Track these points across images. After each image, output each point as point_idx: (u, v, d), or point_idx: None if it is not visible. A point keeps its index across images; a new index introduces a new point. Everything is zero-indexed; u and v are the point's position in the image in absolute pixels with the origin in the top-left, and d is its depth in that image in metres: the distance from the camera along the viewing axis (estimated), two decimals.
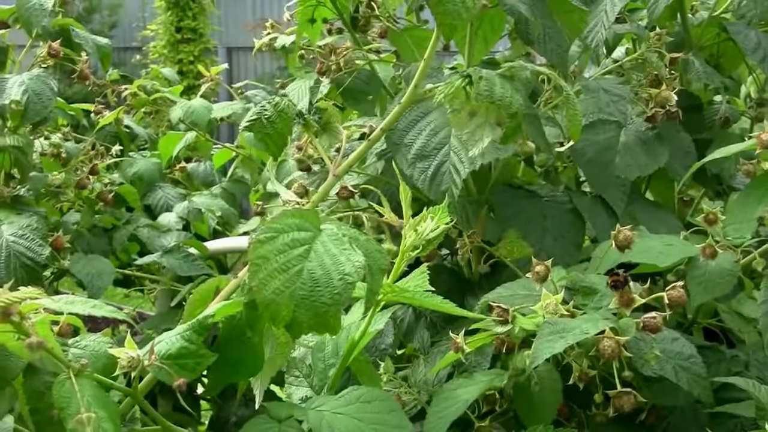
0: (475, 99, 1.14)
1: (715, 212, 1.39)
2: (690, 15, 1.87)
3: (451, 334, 1.22)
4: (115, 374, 0.97)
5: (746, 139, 1.37)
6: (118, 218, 2.27)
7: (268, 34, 2.06)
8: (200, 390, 2.16)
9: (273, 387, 1.60)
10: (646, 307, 1.20)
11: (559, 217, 1.57)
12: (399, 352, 1.67)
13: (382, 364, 1.44)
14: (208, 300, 1.15)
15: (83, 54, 2.05)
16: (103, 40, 2.18)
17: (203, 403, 2.32)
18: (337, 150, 1.27)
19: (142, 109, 2.41)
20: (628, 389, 1.16)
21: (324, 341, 1.25)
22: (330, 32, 1.84)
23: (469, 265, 1.56)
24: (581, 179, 1.80)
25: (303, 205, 1.36)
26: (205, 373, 1.06)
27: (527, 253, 1.47)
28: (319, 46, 1.74)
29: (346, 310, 1.31)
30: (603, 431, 1.27)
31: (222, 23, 10.56)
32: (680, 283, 1.18)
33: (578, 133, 1.28)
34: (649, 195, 1.85)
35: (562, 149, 1.61)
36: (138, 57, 10.38)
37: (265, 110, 1.25)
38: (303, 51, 1.87)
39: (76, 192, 2.16)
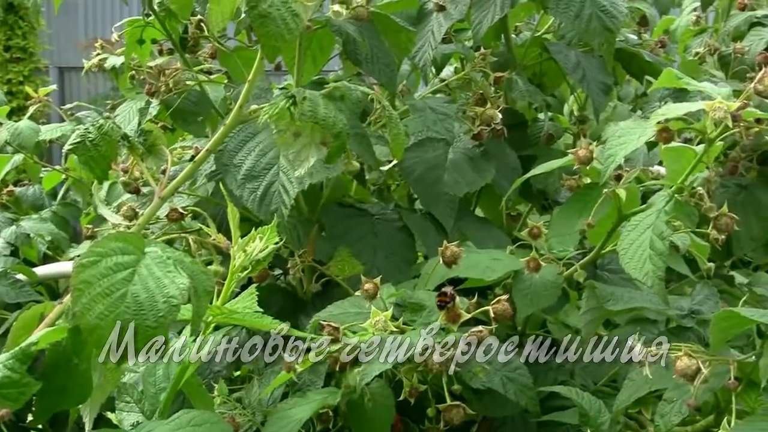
0: (300, 119, 1.15)
1: (539, 226, 1.43)
2: (514, 35, 1.93)
3: (283, 353, 1.23)
4: None
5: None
6: None
7: (98, 54, 2.02)
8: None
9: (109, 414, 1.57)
10: (476, 321, 1.22)
11: (390, 235, 1.59)
12: (236, 374, 1.66)
13: (216, 387, 1.43)
14: (32, 327, 1.12)
15: None
16: None
17: None
18: (164, 172, 1.26)
19: None
20: (458, 402, 1.18)
21: (154, 365, 1.23)
22: (161, 53, 1.83)
23: (302, 284, 1.56)
24: (414, 197, 1.83)
25: (132, 228, 1.34)
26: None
27: (359, 271, 1.48)
28: (149, 67, 1.72)
29: (179, 333, 1.29)
30: None
31: (53, 42, 10.32)
32: (505, 296, 1.21)
33: (401, 152, 1.30)
34: (479, 211, 1.89)
35: (386, 168, 1.63)
36: None
37: (89, 133, 1.23)
38: (134, 72, 1.85)
39: None
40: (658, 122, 1.20)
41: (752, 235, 1.77)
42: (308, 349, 1.23)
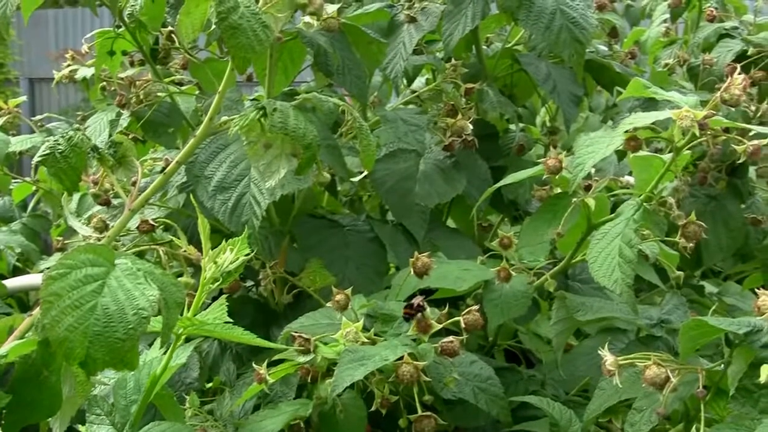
0: (270, 131, 1.15)
1: (510, 236, 1.43)
2: (485, 47, 1.93)
3: (254, 365, 1.23)
4: None
5: None
6: None
7: (69, 65, 2.02)
8: None
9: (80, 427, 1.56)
10: (447, 331, 1.22)
11: (361, 246, 1.59)
12: (208, 386, 1.66)
13: (188, 399, 1.42)
14: (2, 340, 1.11)
15: None
16: None
17: None
18: (134, 183, 1.26)
19: None
20: (429, 413, 1.18)
21: (125, 378, 1.23)
22: (132, 64, 1.82)
23: (273, 295, 1.56)
24: (386, 208, 1.83)
25: (102, 240, 1.34)
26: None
27: (330, 282, 1.48)
28: (120, 79, 1.72)
29: (150, 345, 1.29)
30: None
31: (24, 53, 10.26)
32: (476, 306, 1.22)
33: (372, 163, 1.30)
34: (450, 222, 1.89)
35: (358, 179, 1.63)
36: None
37: (59, 144, 1.22)
38: (104, 83, 1.85)
39: None
40: (626, 131, 1.21)
41: (721, 245, 1.78)
42: (281, 360, 1.23)
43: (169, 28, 1.69)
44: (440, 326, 1.21)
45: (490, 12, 1.73)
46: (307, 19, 1.35)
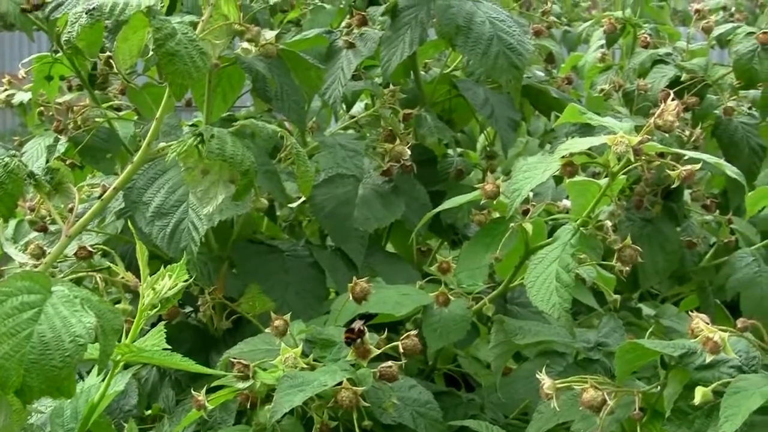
0: (208, 157, 1.15)
1: (448, 261, 1.44)
2: (423, 72, 1.95)
3: (193, 391, 1.22)
4: None
5: None
6: None
7: (5, 90, 2.00)
8: None
9: None
10: (387, 356, 1.23)
11: (301, 271, 1.59)
12: (147, 413, 1.64)
13: (126, 426, 1.41)
14: None
15: None
16: None
17: None
18: (71, 210, 1.24)
19: None
20: None
21: (62, 406, 1.21)
22: (70, 89, 1.82)
23: (213, 321, 1.55)
24: (325, 233, 1.83)
25: (39, 267, 1.33)
26: None
27: (270, 308, 1.48)
28: (57, 104, 1.71)
29: (88, 373, 1.28)
30: None
31: None
32: (414, 331, 1.22)
33: (309, 189, 1.31)
34: (390, 247, 1.89)
35: (295, 204, 1.63)
36: None
37: None
38: (42, 108, 1.83)
39: None
40: (563, 157, 1.22)
41: (657, 268, 1.81)
42: (219, 387, 1.23)
43: (107, 53, 1.68)
44: (379, 351, 1.21)
45: (428, 38, 1.75)
46: (245, 44, 1.36)
